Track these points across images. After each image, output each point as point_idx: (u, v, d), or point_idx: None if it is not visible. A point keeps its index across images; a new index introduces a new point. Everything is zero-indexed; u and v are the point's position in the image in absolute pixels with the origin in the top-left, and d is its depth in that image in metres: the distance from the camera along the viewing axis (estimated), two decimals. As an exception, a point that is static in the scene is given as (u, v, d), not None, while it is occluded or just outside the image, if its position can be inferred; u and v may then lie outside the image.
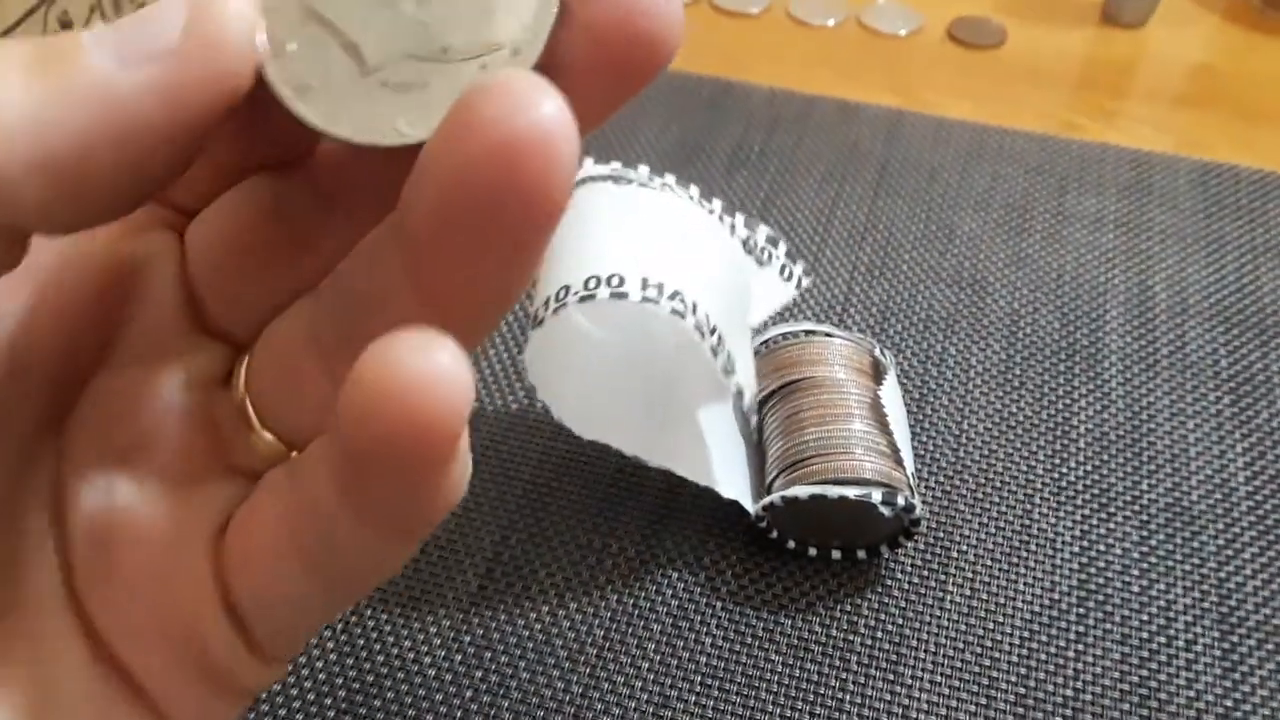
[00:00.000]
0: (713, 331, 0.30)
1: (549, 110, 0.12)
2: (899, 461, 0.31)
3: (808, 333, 0.33)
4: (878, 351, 0.33)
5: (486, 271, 0.13)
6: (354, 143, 0.13)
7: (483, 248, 0.13)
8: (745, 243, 0.35)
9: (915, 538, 0.32)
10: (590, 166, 0.35)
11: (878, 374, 0.33)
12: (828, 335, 0.33)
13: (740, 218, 0.35)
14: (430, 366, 0.12)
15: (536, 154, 0.12)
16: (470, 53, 0.14)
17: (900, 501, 0.30)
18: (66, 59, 0.13)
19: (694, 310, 0.29)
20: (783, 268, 0.35)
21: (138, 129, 0.13)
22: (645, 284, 0.29)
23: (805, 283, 0.35)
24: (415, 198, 0.13)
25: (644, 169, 0.35)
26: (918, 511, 0.30)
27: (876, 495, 0.29)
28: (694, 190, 0.35)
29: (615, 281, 0.30)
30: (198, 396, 0.18)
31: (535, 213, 0.13)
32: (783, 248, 0.35)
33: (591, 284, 0.29)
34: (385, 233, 0.15)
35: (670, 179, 0.35)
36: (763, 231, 0.35)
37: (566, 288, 0.29)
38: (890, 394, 0.32)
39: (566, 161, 0.12)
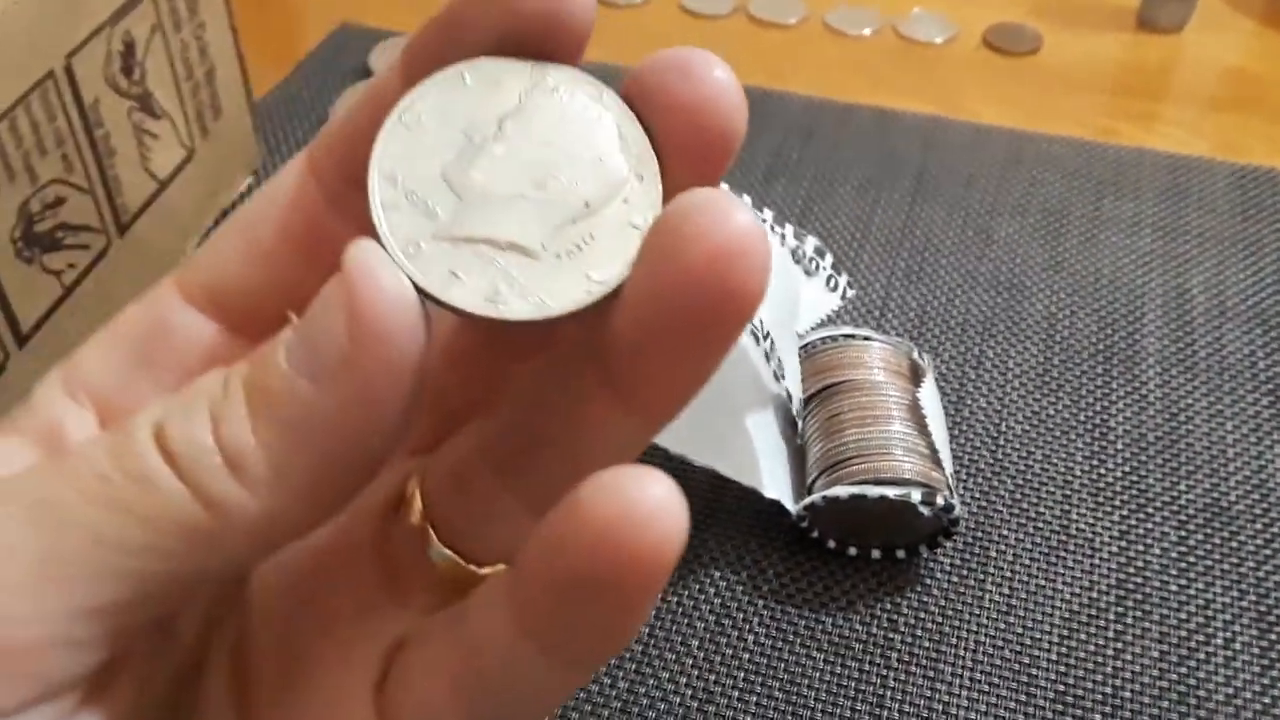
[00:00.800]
0: (766, 337, 0.31)
1: (745, 217, 0.13)
2: (938, 462, 0.31)
3: (847, 336, 0.34)
4: (916, 354, 0.34)
5: (691, 370, 0.15)
6: (567, 315, 0.14)
7: (693, 350, 0.14)
8: (794, 253, 0.36)
9: (954, 538, 0.33)
10: None
11: (916, 376, 0.33)
12: (866, 339, 0.34)
13: (790, 228, 0.36)
14: (650, 499, 0.13)
15: (745, 256, 0.13)
16: (608, 196, 0.15)
17: (939, 501, 0.30)
18: (270, 391, 0.14)
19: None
20: (829, 278, 0.36)
21: (352, 443, 0.14)
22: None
23: (850, 294, 0.36)
24: (627, 318, 0.14)
25: None
26: (956, 511, 0.31)
27: (916, 495, 0.30)
28: (746, 199, 0.36)
29: None
30: (373, 521, 0.18)
31: (746, 309, 0.14)
32: (829, 258, 0.36)
33: None
34: (571, 354, 0.16)
35: (724, 187, 0.36)
36: (811, 242, 0.36)
37: None
38: (929, 396, 0.33)
39: (766, 258, 0.14)
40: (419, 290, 0.14)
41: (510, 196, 0.15)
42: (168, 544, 0.13)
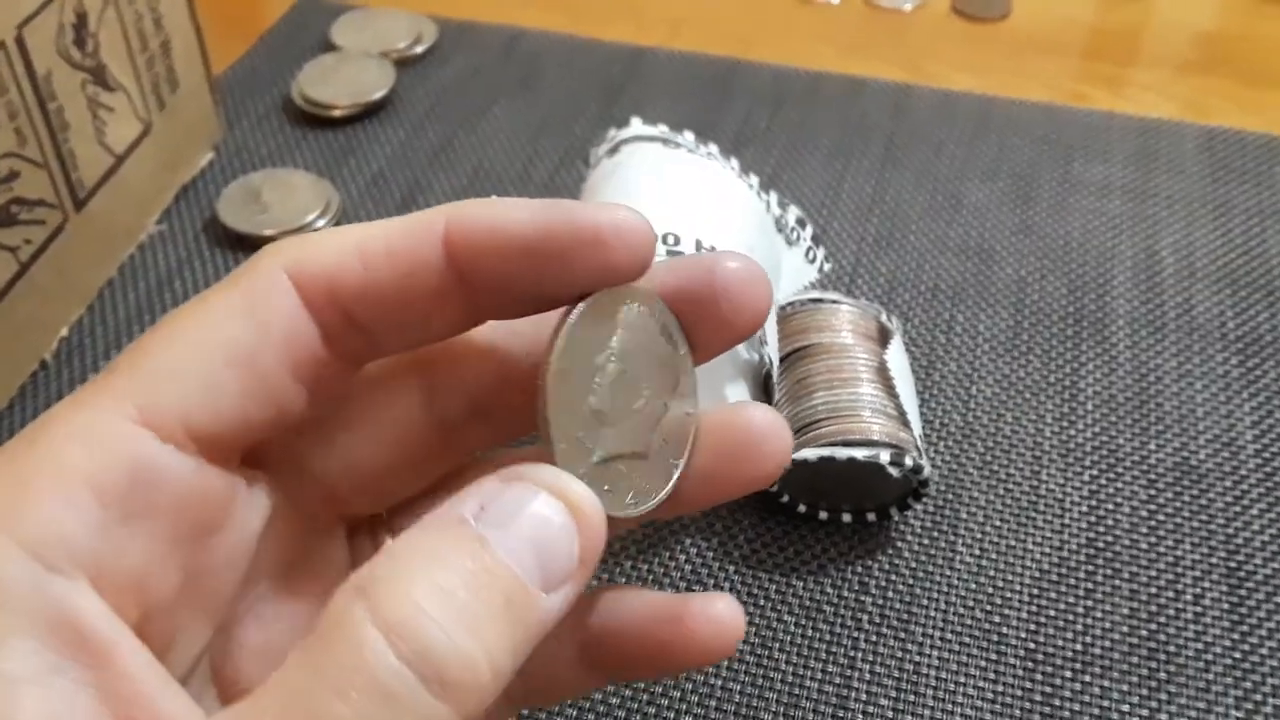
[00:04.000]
0: None
1: (787, 436, 0.20)
2: (906, 423, 0.31)
3: (815, 300, 0.34)
4: (883, 317, 0.34)
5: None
6: (665, 497, 0.19)
7: (734, 497, 0.20)
8: (777, 221, 0.36)
9: (924, 500, 0.33)
10: (638, 125, 0.35)
11: (884, 339, 0.33)
12: (835, 302, 0.34)
13: (774, 196, 0.36)
14: (718, 613, 0.20)
15: (785, 460, 0.20)
16: (672, 394, 0.19)
17: (908, 462, 0.30)
18: (527, 604, 0.16)
19: None
20: (808, 249, 0.36)
21: (550, 629, 0.16)
22: (699, 245, 0.30)
23: (826, 267, 0.36)
24: (696, 487, 0.19)
25: (690, 135, 0.35)
26: (926, 472, 0.30)
27: (884, 456, 0.30)
28: (734, 162, 0.35)
29: (671, 240, 0.30)
30: None
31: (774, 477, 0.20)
32: (809, 230, 0.36)
33: None
34: None
35: (714, 148, 0.35)
36: (793, 212, 0.36)
37: None
38: (896, 358, 0.33)
39: (789, 455, 0.20)
40: None
41: (630, 412, 0.19)
42: None
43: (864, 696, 0.29)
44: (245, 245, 0.41)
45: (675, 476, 0.19)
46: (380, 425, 0.20)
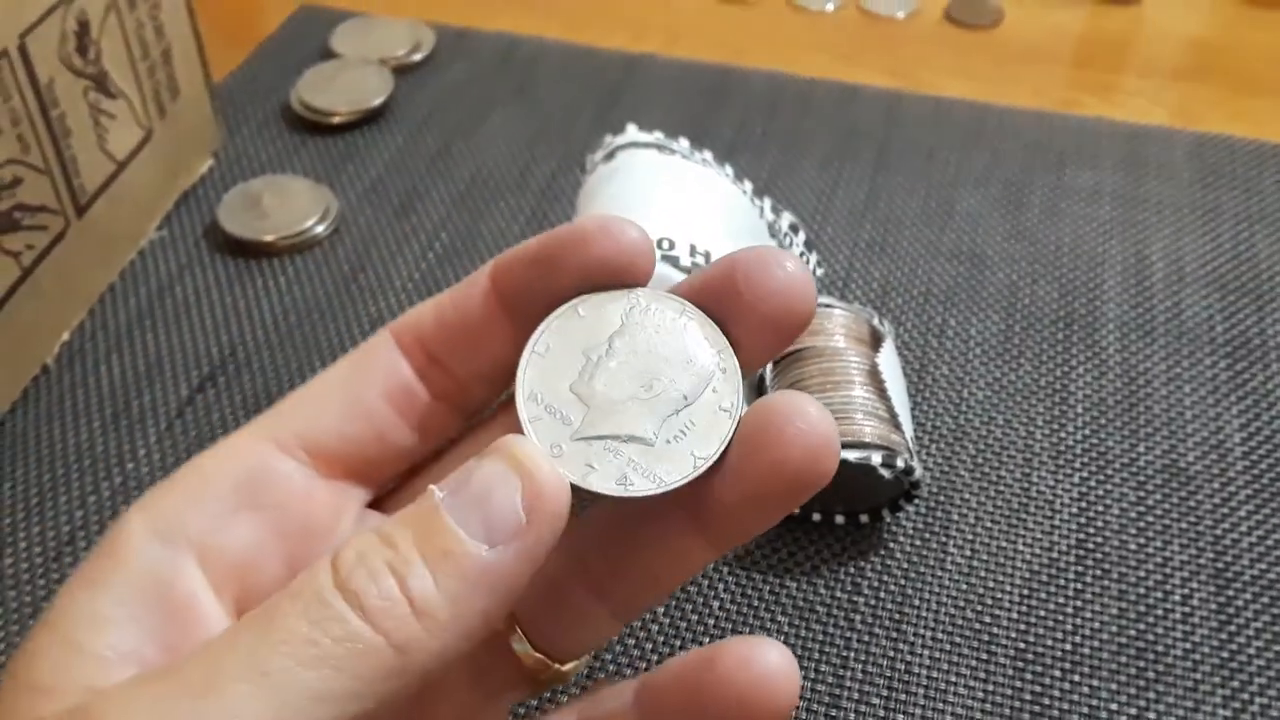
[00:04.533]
0: None
1: (829, 420, 0.18)
2: (897, 425, 0.31)
3: (808, 305, 0.34)
4: (875, 320, 0.34)
5: (771, 519, 0.19)
6: (679, 487, 0.18)
7: (778, 510, 0.19)
8: (771, 226, 0.36)
9: (916, 501, 0.33)
10: (634, 132, 0.36)
11: (876, 342, 0.34)
12: (828, 306, 0.34)
13: (768, 202, 0.36)
14: (774, 666, 0.18)
15: (830, 447, 0.18)
16: (700, 388, 0.19)
17: (899, 464, 0.30)
18: (454, 553, 0.16)
19: None
20: (800, 255, 0.37)
21: (516, 588, 0.17)
22: (694, 250, 0.31)
23: (819, 273, 0.36)
24: (730, 487, 0.18)
25: (684, 142, 0.36)
26: (917, 474, 0.31)
27: (876, 458, 0.30)
28: (729, 169, 0.36)
29: (666, 245, 0.31)
30: None
31: (823, 483, 0.18)
32: (802, 235, 0.36)
33: None
34: (663, 506, 0.19)
35: (708, 155, 0.36)
36: (786, 218, 0.36)
37: None
38: (888, 361, 0.33)
39: (838, 444, 0.18)
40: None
41: (626, 399, 0.19)
42: (370, 687, 0.16)
43: (856, 695, 0.29)
44: (245, 251, 0.42)
45: (697, 468, 0.18)
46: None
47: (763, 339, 0.19)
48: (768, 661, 0.18)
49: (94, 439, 0.35)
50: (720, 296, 0.19)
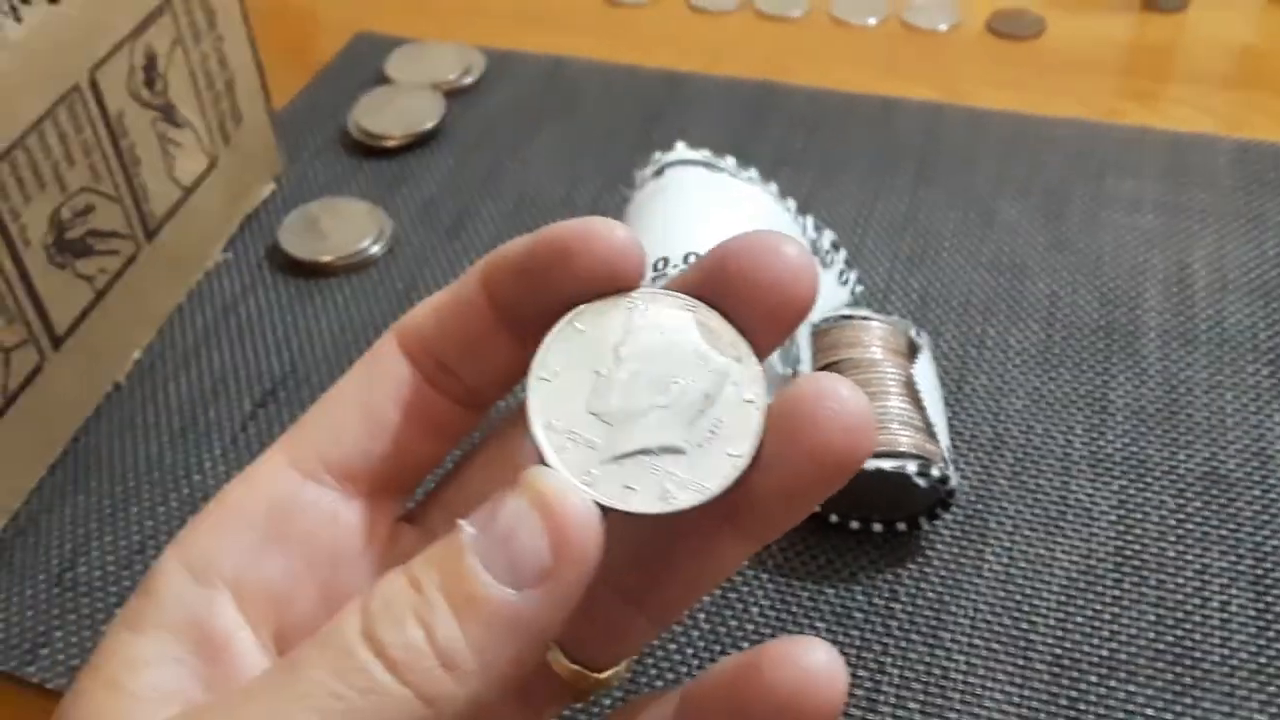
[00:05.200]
0: None
1: (861, 398, 0.17)
2: (933, 435, 0.32)
3: (846, 317, 0.35)
4: (913, 332, 0.35)
5: (809, 510, 0.18)
6: (723, 491, 0.18)
7: (818, 499, 0.18)
8: (813, 244, 0.37)
9: (952, 509, 0.34)
10: (683, 150, 0.37)
11: (912, 353, 0.34)
12: (865, 319, 0.35)
13: (810, 219, 0.37)
14: (821, 666, 0.17)
15: (866, 428, 0.17)
16: (720, 383, 0.18)
17: (935, 473, 0.31)
18: (478, 599, 0.16)
19: None
20: (841, 272, 0.37)
21: (546, 632, 0.16)
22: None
23: (859, 289, 0.37)
24: (771, 482, 0.18)
25: (731, 160, 0.37)
26: (953, 483, 0.31)
27: (912, 467, 0.31)
28: (773, 187, 0.37)
29: None
30: None
31: (860, 466, 0.18)
32: (843, 253, 0.37)
33: (691, 259, 0.31)
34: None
35: (754, 173, 0.37)
36: (828, 236, 0.37)
37: (665, 259, 0.31)
38: (924, 371, 0.34)
39: (872, 424, 0.17)
40: (603, 508, 0.17)
41: (647, 409, 0.18)
42: None
43: (893, 700, 0.30)
44: (304, 271, 0.43)
45: (737, 467, 0.18)
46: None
47: (766, 327, 0.19)
48: (814, 660, 0.17)
49: (163, 452, 0.37)
50: (719, 287, 0.19)
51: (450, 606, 0.16)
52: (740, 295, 0.18)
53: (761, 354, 0.19)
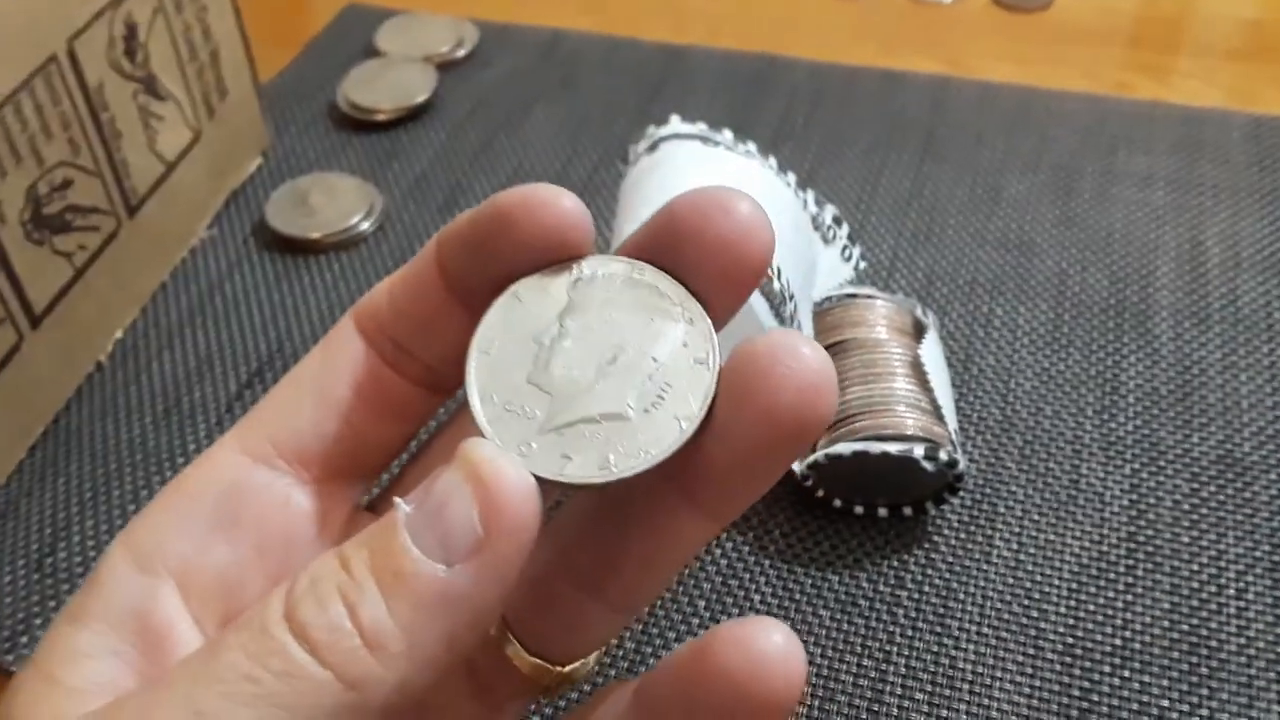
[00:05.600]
0: (791, 298, 0.31)
1: (819, 354, 0.16)
2: (940, 417, 0.31)
3: (850, 296, 0.34)
4: (918, 311, 0.34)
5: (769, 480, 0.17)
6: (670, 456, 0.17)
7: (777, 467, 0.17)
8: (814, 219, 0.36)
9: (960, 494, 0.33)
10: (677, 123, 0.36)
11: (919, 333, 0.33)
12: (870, 298, 0.34)
13: (811, 194, 0.36)
14: (775, 649, 0.16)
15: (825, 386, 0.16)
16: (669, 346, 0.17)
17: (943, 456, 0.30)
18: (405, 575, 0.15)
19: (779, 275, 0.30)
20: (844, 248, 0.36)
21: (482, 611, 0.15)
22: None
23: (862, 264, 0.36)
24: (722, 448, 0.16)
25: (728, 133, 0.36)
26: (961, 466, 0.30)
27: (919, 450, 0.30)
28: (772, 161, 0.35)
29: None
30: None
31: (821, 430, 0.16)
32: (845, 228, 0.36)
33: None
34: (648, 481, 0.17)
35: (752, 146, 0.36)
36: (829, 211, 0.36)
37: None
38: (931, 352, 0.33)
39: (836, 383, 0.16)
40: (539, 479, 0.16)
41: (591, 378, 0.17)
42: None
43: (899, 691, 0.29)
44: (292, 248, 0.42)
45: (684, 431, 0.17)
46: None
47: (720, 288, 0.17)
48: (769, 644, 0.16)
49: (146, 435, 0.36)
50: (668, 248, 0.18)
51: (378, 584, 0.15)
52: (690, 256, 0.17)
53: (718, 317, 0.18)
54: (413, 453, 0.21)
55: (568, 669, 0.20)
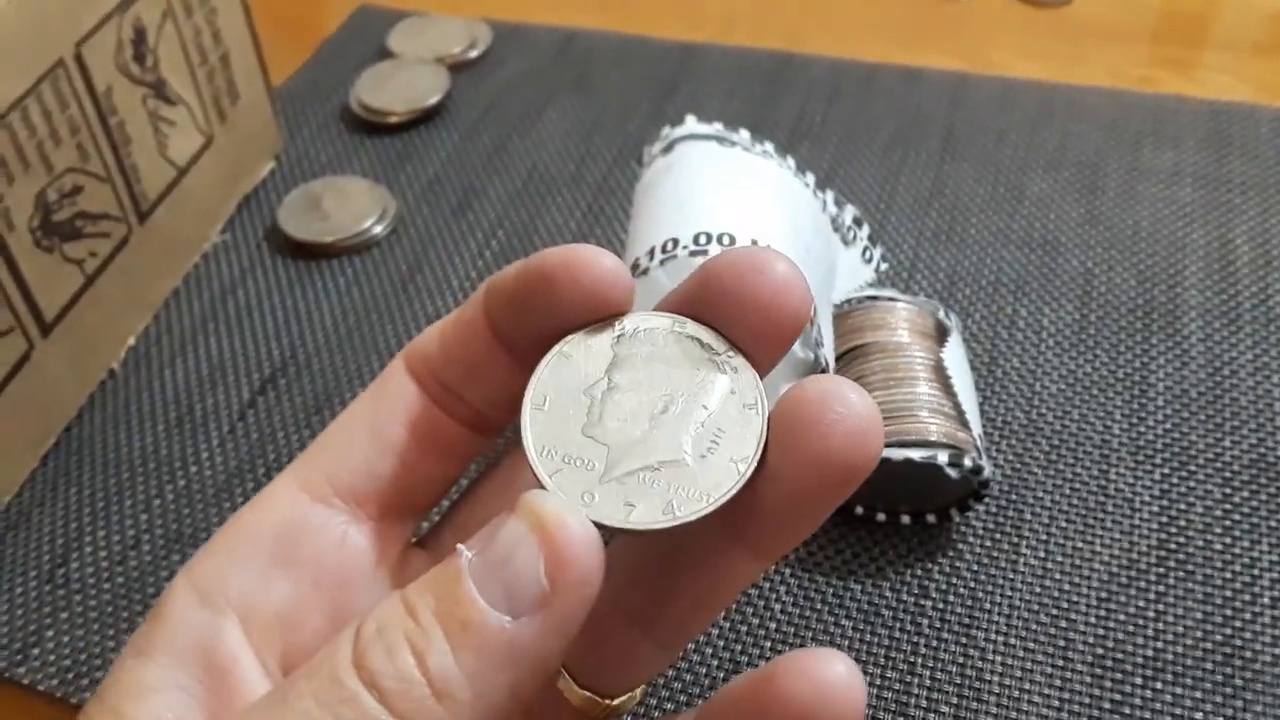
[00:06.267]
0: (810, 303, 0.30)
1: (865, 400, 0.17)
2: (964, 423, 0.30)
3: (871, 298, 0.33)
4: (941, 314, 0.33)
5: (819, 521, 0.17)
6: (730, 498, 0.17)
7: (827, 508, 0.17)
8: (834, 220, 0.35)
9: (986, 500, 0.32)
10: (693, 124, 0.35)
11: (941, 336, 0.32)
12: (891, 300, 0.33)
13: (830, 194, 0.35)
14: (839, 679, 0.17)
15: (873, 431, 0.16)
16: (718, 393, 0.18)
17: (967, 463, 0.29)
18: (473, 626, 0.15)
19: None
20: (865, 249, 0.35)
21: (546, 661, 0.16)
22: (755, 246, 0.30)
23: (883, 266, 0.35)
24: (776, 490, 0.17)
25: (745, 133, 0.35)
26: (986, 473, 0.30)
27: (942, 457, 0.29)
28: (791, 161, 0.35)
29: (726, 240, 0.30)
30: None
31: (867, 472, 0.17)
32: (866, 229, 0.35)
33: (702, 239, 0.29)
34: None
35: (769, 146, 0.35)
36: (849, 212, 0.35)
37: (675, 240, 0.30)
38: (954, 355, 0.32)
39: (878, 429, 0.17)
40: (604, 527, 0.16)
41: (645, 428, 0.18)
42: None
43: (924, 704, 0.28)
44: (305, 252, 0.42)
45: (742, 474, 0.17)
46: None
47: (759, 344, 0.18)
48: (832, 673, 0.17)
49: (159, 443, 0.36)
50: (707, 306, 0.18)
51: (445, 633, 0.15)
52: (728, 314, 0.18)
53: (760, 369, 0.18)
54: (460, 491, 0.22)
55: (616, 702, 0.20)
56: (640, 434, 0.18)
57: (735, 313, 0.18)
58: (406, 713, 0.15)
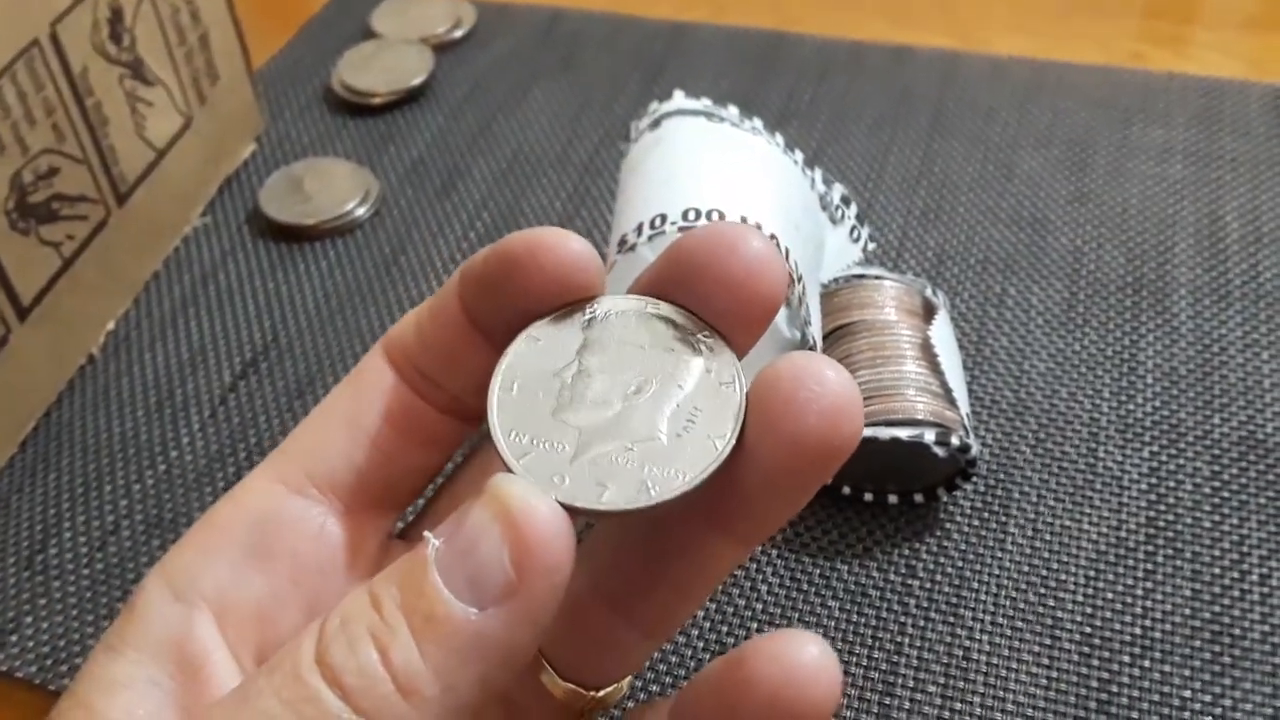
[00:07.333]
0: (799, 280, 0.30)
1: (840, 393, 0.16)
2: (952, 401, 0.30)
3: (858, 277, 0.33)
4: (928, 292, 0.33)
5: (799, 503, 0.17)
6: (708, 477, 0.16)
7: (807, 489, 0.17)
8: (822, 198, 0.35)
9: (973, 479, 0.32)
10: (681, 99, 0.35)
11: (929, 314, 0.32)
12: (878, 278, 0.33)
13: (819, 172, 0.35)
14: (810, 661, 0.16)
15: (851, 408, 0.16)
16: (693, 371, 0.17)
17: (954, 441, 0.29)
18: (438, 618, 0.15)
19: (786, 256, 0.29)
20: (852, 228, 0.35)
21: (516, 652, 0.15)
22: (744, 223, 0.29)
23: (871, 245, 0.35)
24: (753, 471, 0.16)
25: (734, 109, 0.35)
26: (973, 451, 0.29)
27: (929, 435, 0.29)
28: (779, 138, 0.34)
29: (715, 216, 0.29)
30: None
31: (849, 451, 0.16)
32: (854, 208, 0.35)
33: (691, 215, 0.29)
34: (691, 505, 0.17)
35: (758, 123, 0.35)
36: (837, 190, 0.35)
37: (663, 216, 0.29)
38: (941, 333, 0.31)
39: (860, 404, 0.16)
40: (573, 509, 0.16)
41: (619, 410, 0.17)
42: None
43: (911, 683, 0.28)
44: (287, 235, 0.41)
45: (720, 450, 0.17)
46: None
47: (735, 323, 0.18)
48: (803, 657, 0.16)
49: (139, 428, 0.35)
50: (679, 285, 0.18)
51: (409, 627, 0.15)
52: (701, 294, 0.18)
53: (738, 349, 0.18)
54: (442, 481, 0.21)
55: (601, 693, 0.20)
56: (613, 415, 0.17)
57: (708, 292, 0.17)
58: (370, 710, 0.14)
